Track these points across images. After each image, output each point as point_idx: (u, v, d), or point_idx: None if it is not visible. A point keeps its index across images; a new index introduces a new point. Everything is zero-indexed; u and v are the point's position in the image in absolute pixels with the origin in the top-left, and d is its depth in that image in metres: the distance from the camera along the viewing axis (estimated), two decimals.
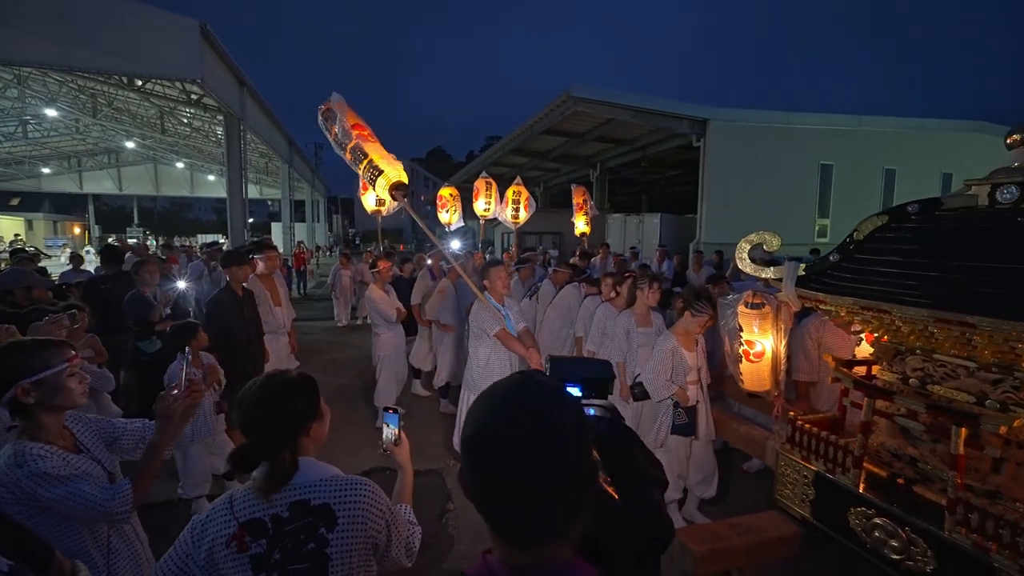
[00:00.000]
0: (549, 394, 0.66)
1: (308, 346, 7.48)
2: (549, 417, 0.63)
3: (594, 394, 1.02)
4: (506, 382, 0.68)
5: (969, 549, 1.67)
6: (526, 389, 0.66)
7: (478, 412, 0.65)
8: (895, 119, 12.35)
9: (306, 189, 26.13)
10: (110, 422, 1.58)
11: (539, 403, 0.64)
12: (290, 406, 1.17)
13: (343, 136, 3.52)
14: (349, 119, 3.57)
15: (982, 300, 1.62)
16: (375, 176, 3.41)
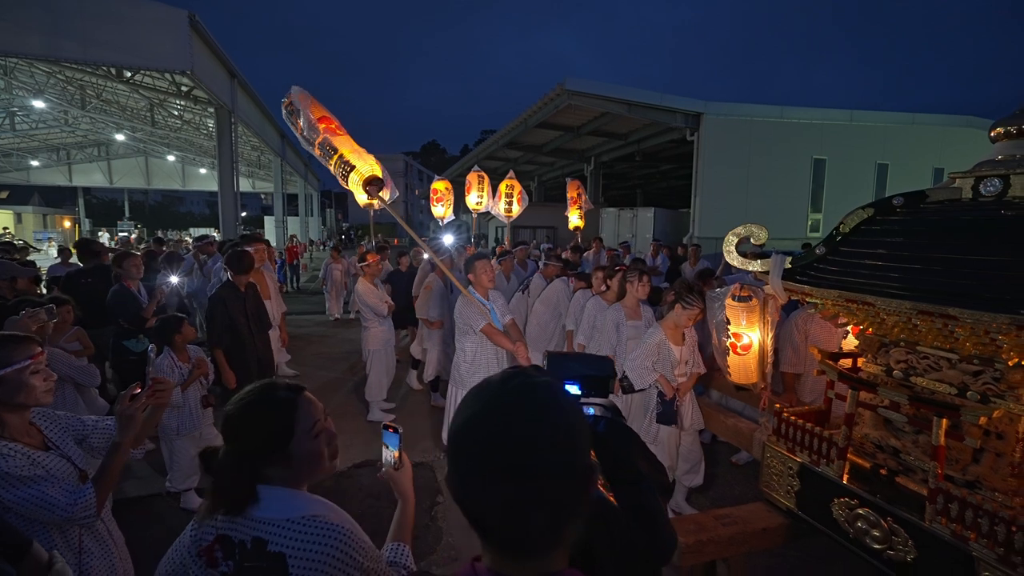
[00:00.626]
0: (544, 391, 0.61)
1: (300, 339, 7.47)
2: (543, 415, 0.58)
3: (594, 392, 0.97)
4: (498, 377, 0.63)
5: (948, 538, 1.68)
6: (519, 385, 0.61)
7: (465, 409, 0.61)
8: (887, 114, 12.39)
9: (299, 183, 25.94)
10: (79, 419, 1.55)
11: (532, 400, 0.59)
12: (251, 430, 1.02)
13: (309, 131, 3.42)
14: (314, 112, 3.45)
15: (963, 292, 1.63)
16: (347, 172, 3.33)
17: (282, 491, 1.03)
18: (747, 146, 10.95)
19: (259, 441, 1.02)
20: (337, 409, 4.80)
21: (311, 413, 1.08)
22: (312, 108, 3.53)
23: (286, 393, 1.07)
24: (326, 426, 1.10)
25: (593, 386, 0.97)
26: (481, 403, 0.61)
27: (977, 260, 1.68)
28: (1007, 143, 1.84)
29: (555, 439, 0.57)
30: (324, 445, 1.08)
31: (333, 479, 3.49)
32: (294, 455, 1.02)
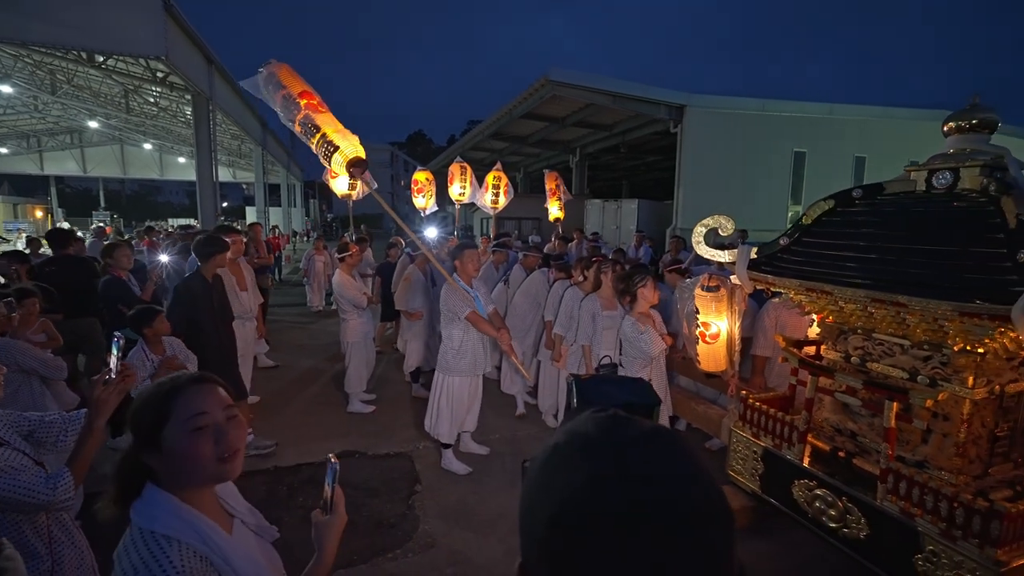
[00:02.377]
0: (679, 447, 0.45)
1: (281, 331, 7.40)
2: (697, 490, 0.42)
3: None
4: (601, 430, 0.46)
5: (897, 515, 1.77)
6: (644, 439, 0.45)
7: (558, 475, 0.44)
8: (865, 107, 12.59)
9: (281, 173, 25.51)
10: (24, 416, 1.55)
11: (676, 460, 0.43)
12: (132, 414, 0.95)
13: (288, 107, 3.27)
14: (294, 86, 3.30)
15: (913, 281, 1.69)
16: (330, 152, 3.22)
17: (158, 494, 0.91)
18: (729, 138, 11.05)
19: (133, 426, 0.93)
20: (316, 400, 4.79)
21: (197, 403, 0.94)
22: (292, 82, 3.37)
23: (175, 381, 0.97)
24: (218, 422, 0.95)
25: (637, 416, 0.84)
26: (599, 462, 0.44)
27: (927, 250, 1.75)
28: (958, 137, 1.91)
29: (716, 512, 0.42)
30: (206, 442, 0.92)
31: (312, 469, 3.50)
32: (165, 447, 0.91)
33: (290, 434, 4.04)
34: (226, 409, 0.98)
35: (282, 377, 5.45)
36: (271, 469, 3.48)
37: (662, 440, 0.45)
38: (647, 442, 0.44)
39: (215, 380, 1.01)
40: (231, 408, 0.99)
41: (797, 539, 2.62)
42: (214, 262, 3.50)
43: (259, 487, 3.24)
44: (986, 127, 1.88)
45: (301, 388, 5.15)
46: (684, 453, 0.45)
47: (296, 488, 3.24)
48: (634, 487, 0.41)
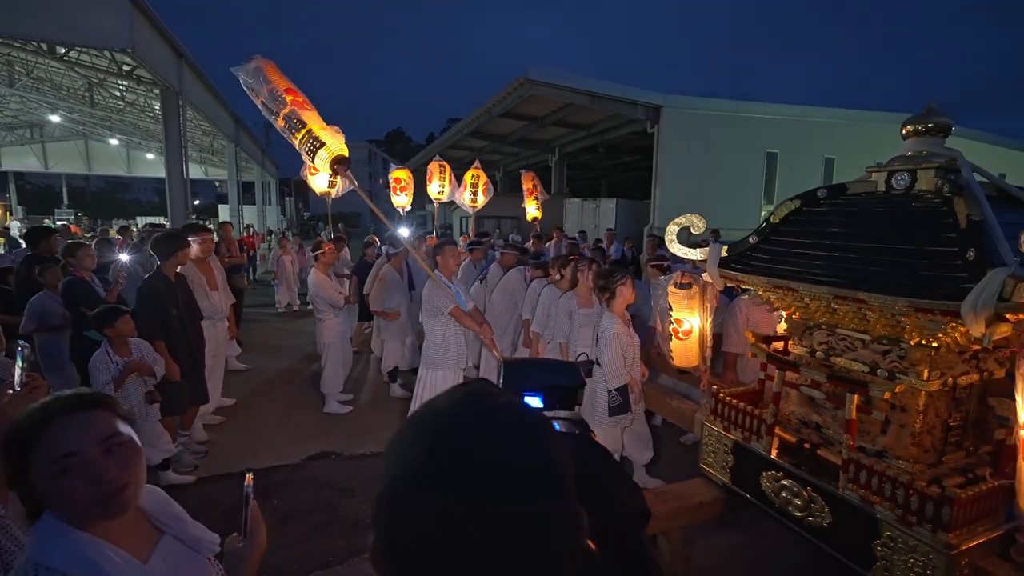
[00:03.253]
0: (513, 420, 0.45)
1: (256, 332, 7.26)
2: (530, 449, 0.43)
3: (559, 405, 0.83)
4: (444, 401, 0.47)
5: (857, 503, 1.84)
6: (475, 412, 0.44)
7: (398, 454, 0.44)
8: (836, 110, 12.99)
9: (256, 170, 24.92)
10: None
11: (498, 437, 0.43)
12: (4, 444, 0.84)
13: (273, 101, 3.27)
14: (280, 83, 3.31)
15: (872, 278, 1.76)
16: (315, 148, 3.22)
17: (51, 520, 0.83)
18: (704, 139, 11.26)
19: (4, 454, 0.82)
20: (292, 401, 4.72)
21: (63, 442, 0.80)
22: (278, 79, 3.36)
23: (46, 410, 0.83)
24: (92, 460, 0.82)
25: (559, 398, 0.83)
26: (421, 443, 0.43)
27: (886, 248, 1.82)
28: (915, 140, 1.98)
29: (550, 483, 0.42)
30: (75, 486, 0.80)
31: (288, 471, 3.45)
32: (36, 492, 0.81)
33: (264, 436, 3.97)
34: (106, 440, 0.84)
35: (257, 378, 5.35)
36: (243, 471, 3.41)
37: (506, 417, 0.45)
38: (490, 418, 0.44)
39: (98, 402, 0.88)
40: (114, 437, 0.85)
41: (766, 529, 2.70)
42: (175, 260, 3.42)
43: (231, 491, 3.18)
44: (941, 131, 1.96)
45: (277, 389, 5.06)
46: (527, 431, 0.44)
47: (270, 490, 3.19)
48: (458, 464, 0.41)
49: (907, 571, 1.67)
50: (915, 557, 1.66)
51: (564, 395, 0.84)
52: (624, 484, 0.77)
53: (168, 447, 3.14)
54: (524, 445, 0.43)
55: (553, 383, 0.84)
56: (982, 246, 1.54)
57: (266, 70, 3.33)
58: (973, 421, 1.98)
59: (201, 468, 3.43)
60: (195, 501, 3.04)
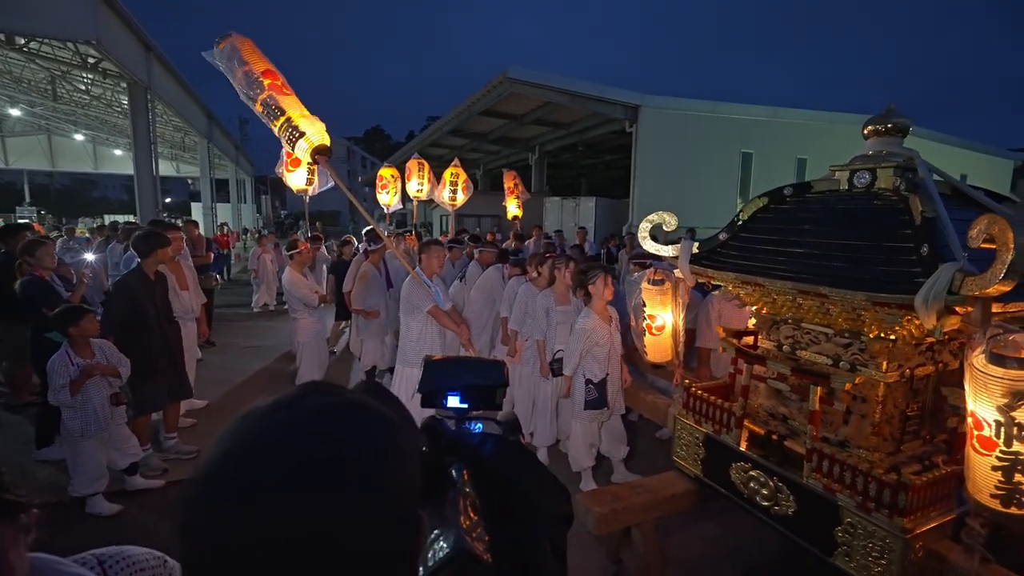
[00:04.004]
0: (327, 423, 0.42)
1: (230, 332, 7.10)
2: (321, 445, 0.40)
3: (481, 405, 0.82)
4: (272, 399, 0.44)
5: (820, 491, 1.90)
6: (305, 409, 0.42)
7: (210, 447, 0.42)
8: (807, 112, 13.31)
9: (229, 167, 24.35)
10: None
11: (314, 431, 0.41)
12: None
13: (250, 85, 3.11)
14: (257, 64, 3.13)
15: (834, 274, 1.82)
16: (295, 138, 3.10)
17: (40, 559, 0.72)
18: (682, 138, 11.42)
19: None
20: None
21: None
22: (255, 59, 3.18)
23: None
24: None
25: (478, 397, 0.82)
26: (230, 441, 0.41)
27: (847, 244, 1.88)
28: (876, 140, 2.05)
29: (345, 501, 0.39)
30: None
31: None
32: None
33: None
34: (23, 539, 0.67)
35: (231, 379, 5.24)
36: None
37: (328, 417, 0.42)
38: (302, 424, 0.41)
39: None
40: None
41: (737, 521, 2.76)
42: (155, 257, 3.35)
43: None
44: (900, 131, 2.03)
45: (251, 390, 4.97)
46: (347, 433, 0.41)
47: None
48: (248, 468, 0.38)
49: (866, 555, 1.74)
50: (873, 542, 1.72)
51: (483, 394, 0.82)
52: (548, 489, 0.73)
53: (135, 451, 3.05)
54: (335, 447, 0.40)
55: (472, 382, 0.82)
56: (935, 242, 1.61)
57: (242, 50, 3.15)
58: (929, 411, 2.06)
59: (172, 471, 3.35)
60: (163, 505, 2.97)
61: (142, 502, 3.00)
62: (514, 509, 0.67)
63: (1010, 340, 1.33)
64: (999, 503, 1.42)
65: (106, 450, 2.96)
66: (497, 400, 0.83)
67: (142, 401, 3.30)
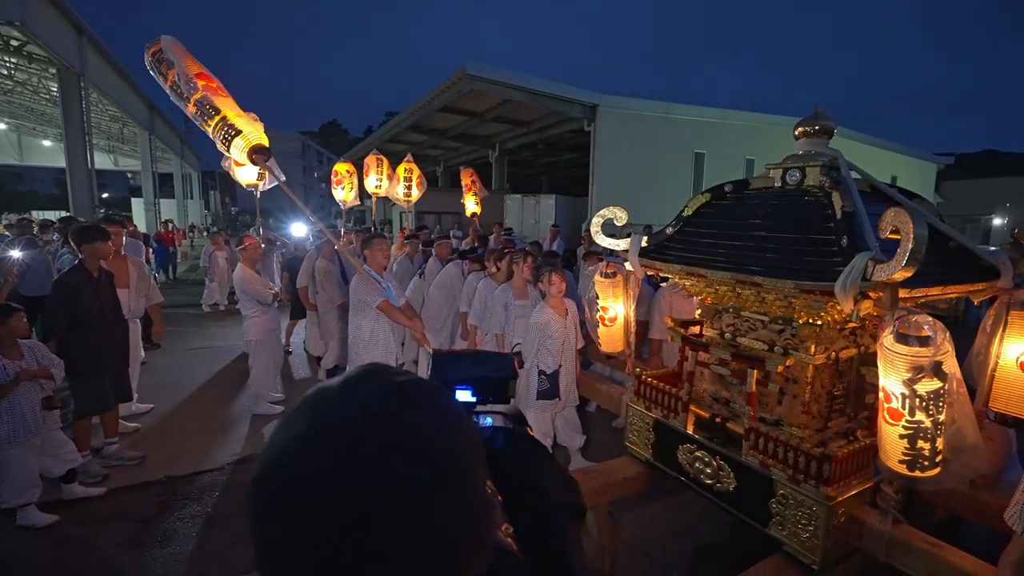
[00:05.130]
0: (414, 393, 0.41)
1: (177, 334, 6.77)
2: (417, 435, 0.39)
3: (491, 398, 0.80)
4: (339, 380, 0.43)
5: (757, 467, 2.04)
6: (375, 389, 0.41)
7: (277, 435, 0.40)
8: (754, 114, 13.96)
9: (174, 161, 23.13)
10: None
11: (398, 411, 0.39)
12: None
13: (185, 86, 3.05)
14: (191, 66, 3.10)
15: (767, 264, 1.95)
16: (230, 137, 3.05)
17: None
18: (638, 138, 11.74)
19: None
20: (219, 404, 4.47)
21: None
22: (188, 62, 3.13)
23: None
24: None
25: (489, 390, 0.80)
26: (312, 421, 0.39)
27: (779, 237, 2.02)
28: (805, 140, 2.21)
29: (440, 473, 0.38)
30: None
31: (214, 475, 3.29)
32: None
33: (188, 442, 3.74)
34: None
35: (179, 382, 5.02)
36: (163, 480, 3.21)
37: (398, 398, 0.40)
38: (379, 399, 0.39)
39: None
40: None
41: (686, 500, 2.92)
42: (96, 252, 3.19)
43: (149, 500, 2.98)
44: (825, 132, 2.20)
45: (202, 392, 4.77)
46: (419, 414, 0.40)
47: (192, 497, 3.03)
48: (332, 450, 0.36)
49: (796, 523, 1.89)
50: (802, 510, 1.87)
51: (495, 387, 0.80)
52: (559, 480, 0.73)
53: (72, 457, 2.89)
54: (426, 419, 0.40)
55: (484, 375, 0.80)
56: (853, 234, 1.76)
57: (174, 52, 3.10)
58: (853, 390, 2.24)
59: (113, 478, 3.19)
60: (105, 515, 2.83)
61: (81, 512, 2.84)
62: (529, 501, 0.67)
63: (913, 321, 1.48)
64: (905, 468, 1.57)
65: (39, 457, 2.79)
66: (509, 392, 0.81)
67: (84, 403, 3.14)
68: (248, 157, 3.12)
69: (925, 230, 1.42)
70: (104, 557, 2.50)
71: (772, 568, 1.91)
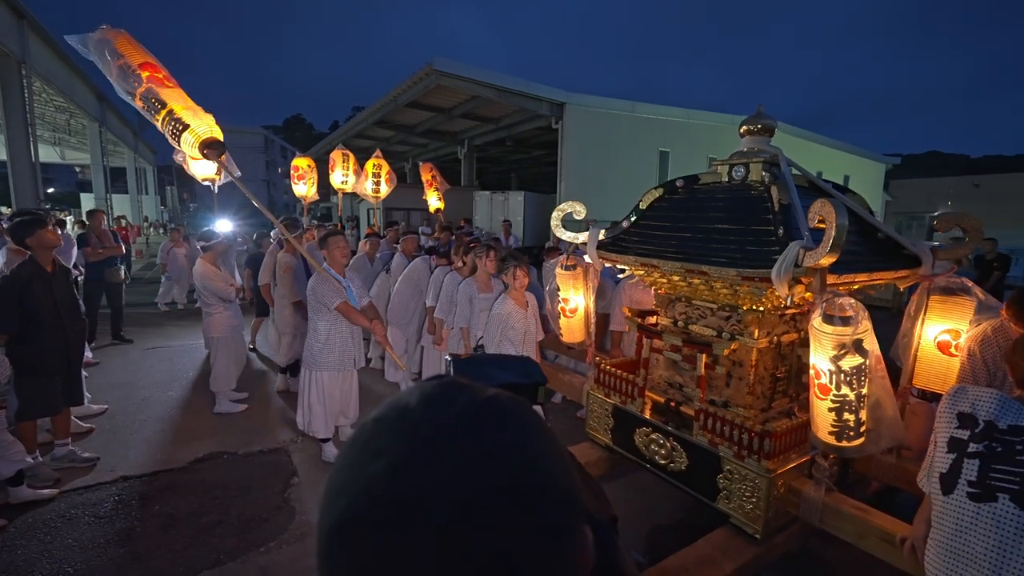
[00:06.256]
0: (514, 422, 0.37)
1: (132, 333, 6.51)
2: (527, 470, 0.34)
3: None
4: (422, 401, 0.37)
5: (706, 446, 2.17)
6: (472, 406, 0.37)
7: (355, 466, 0.34)
8: (716, 114, 14.39)
9: (127, 154, 22.06)
10: None
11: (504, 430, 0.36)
12: None
13: (127, 79, 2.91)
14: (134, 56, 2.95)
15: (713, 254, 2.07)
16: (179, 131, 2.94)
17: None
18: (605, 136, 11.94)
19: None
20: (179, 403, 4.35)
21: None
22: (132, 52, 2.98)
23: None
24: None
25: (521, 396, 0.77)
26: (408, 445, 0.34)
27: (724, 228, 2.15)
28: (749, 138, 2.34)
29: (556, 492, 0.35)
30: None
31: (172, 475, 3.22)
32: None
33: (145, 443, 3.64)
34: None
35: (134, 382, 4.85)
36: (117, 480, 3.13)
37: (496, 416, 0.36)
38: (475, 419, 0.35)
39: None
40: None
41: (644, 483, 3.04)
42: (42, 242, 3.06)
43: (104, 501, 2.90)
44: (767, 131, 2.34)
45: (159, 392, 4.63)
46: (521, 432, 0.36)
47: (150, 496, 2.96)
48: (439, 478, 0.32)
49: (741, 496, 2.02)
50: (746, 484, 2.00)
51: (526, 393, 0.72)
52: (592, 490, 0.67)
53: (20, 458, 2.78)
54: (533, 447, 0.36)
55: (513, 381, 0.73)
56: (788, 225, 1.90)
57: (116, 43, 2.95)
58: (795, 372, 2.40)
59: (65, 480, 3.08)
60: (54, 517, 2.74)
61: (32, 515, 2.74)
62: None
63: (837, 303, 1.62)
64: (834, 439, 1.72)
65: None
66: (540, 398, 0.74)
67: (30, 405, 3.01)
68: (200, 152, 3.02)
69: (846, 219, 1.55)
70: (56, 561, 2.42)
71: (719, 539, 2.04)
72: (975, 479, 1.26)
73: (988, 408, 1.31)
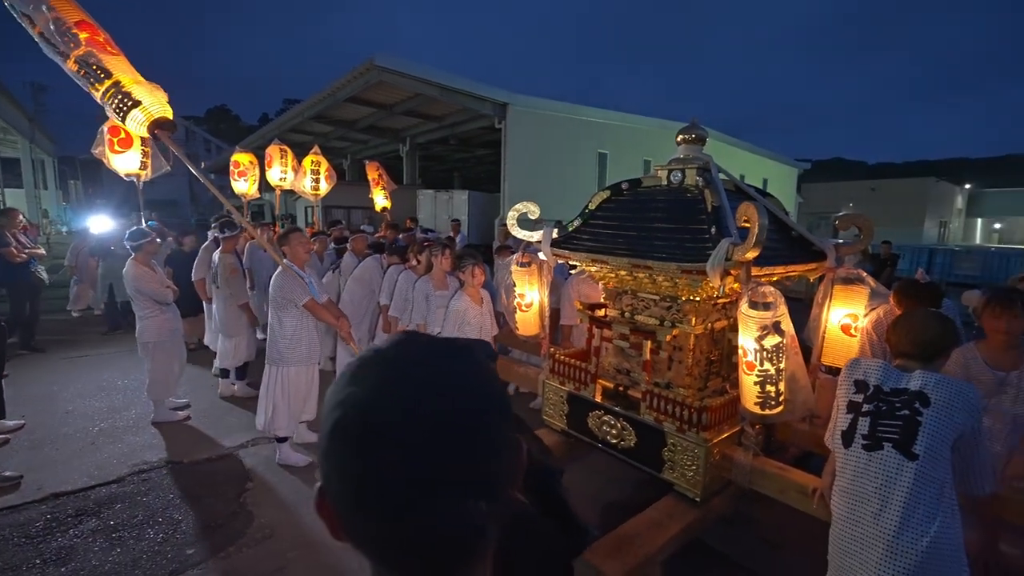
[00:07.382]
0: (464, 357, 0.47)
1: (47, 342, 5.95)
2: (474, 388, 0.45)
3: None
4: (394, 344, 0.47)
5: (652, 424, 2.40)
6: (430, 351, 0.47)
7: (344, 388, 0.44)
8: (652, 119, 15.18)
9: (22, 144, 19.73)
10: None
11: (455, 368, 0.45)
12: None
13: (59, 36, 2.51)
14: (71, 13, 2.56)
15: (655, 250, 2.30)
16: (126, 108, 2.63)
17: None
18: (546, 137, 12.26)
19: None
20: (111, 415, 4.07)
21: None
22: (65, 6, 2.58)
23: None
24: None
25: None
26: (385, 368, 0.44)
27: (664, 227, 2.39)
28: (685, 146, 2.60)
29: (489, 418, 0.44)
30: None
31: (111, 488, 3.04)
32: None
33: (74, 457, 3.40)
34: None
35: (56, 394, 4.48)
36: (47, 497, 2.92)
37: (450, 355, 0.46)
38: (437, 355, 0.46)
39: None
40: None
41: (599, 465, 3.25)
42: None
43: (34, 521, 2.71)
44: (700, 140, 2.61)
45: (85, 403, 4.31)
46: (470, 367, 0.46)
47: (88, 512, 2.79)
48: (414, 394, 0.42)
49: (683, 465, 2.26)
50: (687, 455, 2.25)
51: None
52: (536, 442, 0.83)
53: None
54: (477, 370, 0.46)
55: None
56: (719, 224, 2.15)
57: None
58: (726, 354, 2.70)
59: None
60: None
61: None
62: None
63: (760, 291, 1.88)
64: (759, 408, 1.99)
65: None
66: None
67: None
68: (150, 132, 2.78)
69: (767, 219, 1.81)
70: None
71: (665, 505, 2.27)
72: (867, 432, 1.54)
73: (876, 375, 1.60)
